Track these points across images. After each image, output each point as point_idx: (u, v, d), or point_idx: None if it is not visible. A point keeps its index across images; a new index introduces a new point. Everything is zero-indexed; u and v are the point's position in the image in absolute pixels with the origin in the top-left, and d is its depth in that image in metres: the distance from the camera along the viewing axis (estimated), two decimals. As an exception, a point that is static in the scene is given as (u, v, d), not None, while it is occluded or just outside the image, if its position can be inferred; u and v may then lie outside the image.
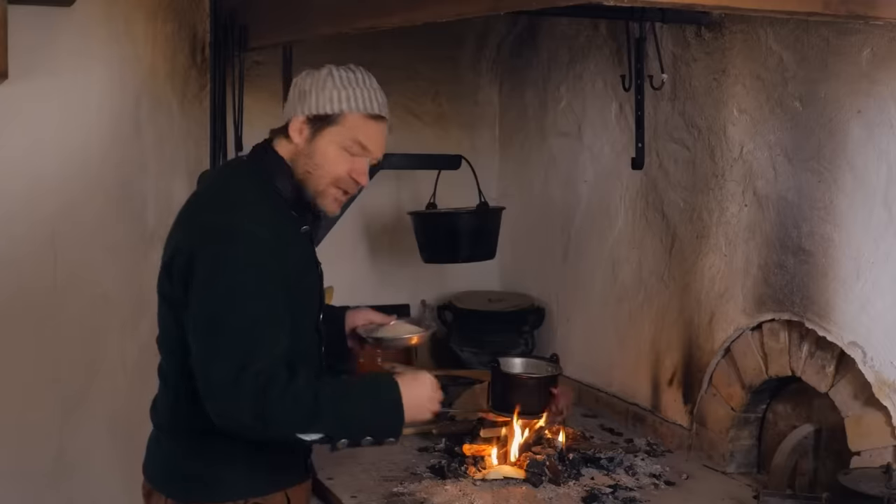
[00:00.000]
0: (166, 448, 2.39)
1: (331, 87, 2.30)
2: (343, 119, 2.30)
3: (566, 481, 2.65)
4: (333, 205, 2.37)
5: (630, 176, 3.19)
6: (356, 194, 2.55)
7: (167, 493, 2.36)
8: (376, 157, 2.36)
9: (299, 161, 2.33)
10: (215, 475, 2.32)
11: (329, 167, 2.31)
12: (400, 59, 3.73)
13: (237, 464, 2.32)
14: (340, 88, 2.30)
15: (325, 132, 2.30)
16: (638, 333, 3.19)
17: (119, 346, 3.57)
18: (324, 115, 2.30)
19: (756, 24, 2.67)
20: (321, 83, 2.31)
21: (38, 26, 3.34)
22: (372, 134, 2.32)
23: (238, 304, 2.16)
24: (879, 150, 2.35)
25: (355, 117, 2.30)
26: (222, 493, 2.32)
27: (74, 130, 3.45)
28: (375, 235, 3.89)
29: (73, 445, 3.53)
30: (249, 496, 2.32)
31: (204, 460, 2.33)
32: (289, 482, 2.41)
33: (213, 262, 2.19)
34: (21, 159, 3.38)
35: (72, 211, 3.46)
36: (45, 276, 3.46)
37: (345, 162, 2.32)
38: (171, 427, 2.38)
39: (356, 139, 2.31)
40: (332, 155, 2.31)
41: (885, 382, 2.34)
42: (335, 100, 2.29)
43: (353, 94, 2.30)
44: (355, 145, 2.31)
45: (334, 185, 2.33)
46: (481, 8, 2.16)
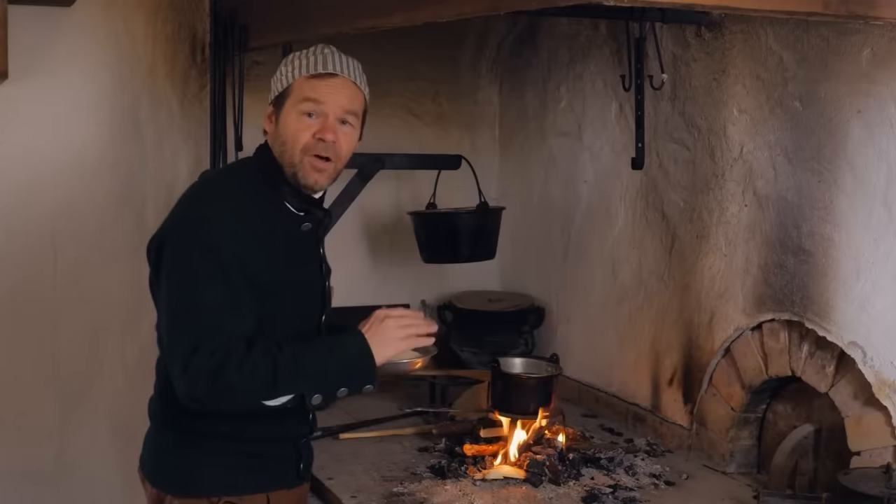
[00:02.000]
0: (154, 439, 2.43)
1: (281, 66, 2.37)
2: (292, 88, 2.33)
3: (566, 481, 2.65)
4: (314, 174, 2.33)
5: (630, 176, 3.19)
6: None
7: (153, 482, 2.40)
8: (335, 114, 2.33)
9: (275, 147, 2.35)
10: (194, 469, 2.33)
11: (293, 136, 2.31)
12: (400, 59, 3.74)
13: (217, 460, 2.33)
14: (288, 63, 2.35)
15: (283, 109, 2.33)
16: (638, 333, 3.19)
17: (119, 346, 3.57)
18: (279, 95, 2.35)
19: (756, 24, 2.67)
20: (278, 70, 2.38)
21: (38, 26, 3.34)
22: (320, 88, 2.31)
23: (197, 289, 2.20)
24: (879, 150, 2.35)
25: (301, 81, 2.32)
26: (200, 488, 2.33)
27: (74, 130, 3.45)
28: (375, 235, 3.89)
29: (73, 445, 3.53)
30: (224, 494, 2.32)
31: (185, 454, 2.35)
32: (273, 486, 2.39)
33: (177, 249, 2.25)
34: (21, 159, 3.38)
35: (72, 210, 3.46)
36: (44, 276, 3.46)
37: (305, 127, 2.31)
38: (157, 419, 2.41)
39: (304, 96, 2.31)
40: (292, 124, 2.31)
41: (885, 382, 2.34)
42: (284, 75, 2.35)
43: (298, 63, 2.33)
44: (306, 103, 2.31)
45: (304, 153, 2.31)
46: (481, 8, 2.16)
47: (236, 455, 2.33)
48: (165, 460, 2.38)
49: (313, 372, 2.22)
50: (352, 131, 2.36)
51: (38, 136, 3.40)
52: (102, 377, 3.56)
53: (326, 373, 2.23)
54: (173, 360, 2.21)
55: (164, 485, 2.37)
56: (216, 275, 2.20)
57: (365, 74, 2.39)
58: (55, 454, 3.51)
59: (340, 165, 2.38)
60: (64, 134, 3.44)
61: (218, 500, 2.31)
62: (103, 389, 3.55)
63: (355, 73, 2.36)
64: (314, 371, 2.22)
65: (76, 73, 3.43)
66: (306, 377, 2.21)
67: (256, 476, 2.36)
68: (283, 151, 2.32)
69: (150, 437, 2.45)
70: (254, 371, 2.17)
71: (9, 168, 3.37)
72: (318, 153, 2.31)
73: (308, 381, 2.21)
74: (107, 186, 3.51)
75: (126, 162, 3.53)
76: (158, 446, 2.41)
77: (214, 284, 2.20)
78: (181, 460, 2.35)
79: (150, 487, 2.40)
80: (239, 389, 2.17)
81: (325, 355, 2.25)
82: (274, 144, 2.35)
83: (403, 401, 3.19)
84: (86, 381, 3.54)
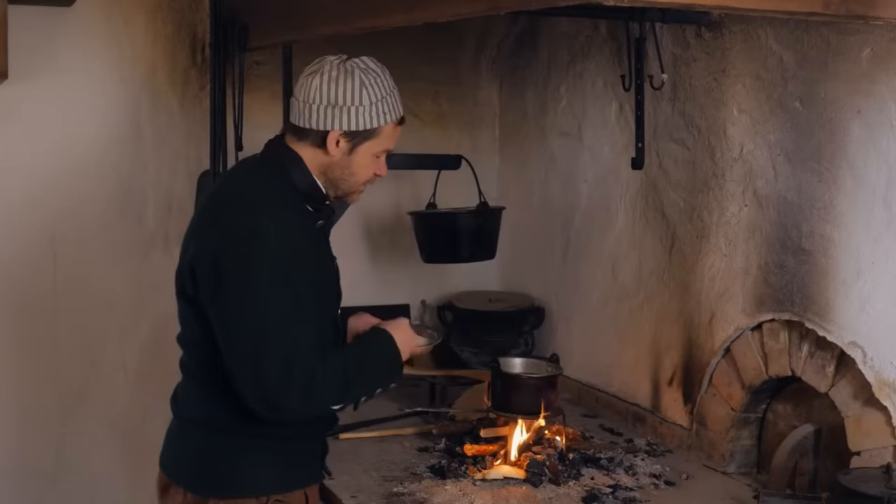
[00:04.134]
0: (190, 441, 2.39)
1: (368, 102, 2.32)
2: (380, 132, 2.36)
3: (566, 481, 2.65)
4: (358, 197, 2.50)
5: (630, 176, 3.19)
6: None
7: (187, 486, 2.35)
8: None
9: (334, 170, 2.38)
10: (239, 471, 2.33)
11: (362, 173, 2.40)
12: (400, 59, 3.70)
13: (261, 460, 2.34)
14: (378, 102, 2.34)
15: (363, 146, 2.36)
16: (638, 333, 3.19)
17: (119, 347, 3.57)
18: (363, 131, 2.34)
19: (756, 24, 2.67)
20: (358, 97, 2.31)
21: (38, 26, 3.34)
22: (396, 136, 2.43)
23: (272, 300, 2.21)
24: (879, 150, 2.35)
25: (390, 129, 2.38)
26: (245, 489, 2.32)
27: (74, 130, 3.45)
28: (375, 235, 3.88)
29: (73, 445, 3.52)
30: (272, 493, 2.33)
31: (228, 455, 2.33)
32: (308, 481, 2.42)
33: (241, 262, 2.22)
34: (21, 159, 3.38)
35: (72, 211, 3.46)
36: (44, 276, 3.46)
37: (374, 165, 2.41)
38: (197, 421, 2.38)
39: (388, 146, 2.40)
40: (367, 164, 2.39)
41: (885, 382, 2.34)
42: (375, 116, 2.34)
43: (388, 107, 2.36)
44: (384, 151, 2.41)
45: (364, 184, 2.44)
46: (481, 8, 2.16)
47: (278, 452, 2.34)
48: (208, 463, 2.35)
49: (371, 378, 2.37)
50: None
51: (38, 136, 3.40)
52: (102, 377, 3.56)
53: (378, 378, 2.39)
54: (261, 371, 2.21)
55: (205, 488, 2.34)
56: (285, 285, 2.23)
57: None
58: (55, 454, 3.51)
59: None
60: (64, 134, 3.44)
61: (267, 499, 2.32)
62: (103, 389, 3.55)
63: None
64: (371, 377, 2.37)
65: (76, 73, 3.43)
66: (365, 379, 2.35)
67: (296, 473, 2.39)
68: (347, 180, 2.40)
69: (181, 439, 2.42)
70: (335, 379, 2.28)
71: (9, 168, 3.37)
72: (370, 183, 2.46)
73: (365, 388, 2.36)
74: (107, 186, 3.51)
75: (126, 162, 3.53)
76: (197, 448, 2.37)
77: (286, 294, 2.23)
78: (225, 461, 2.33)
79: (183, 493, 2.35)
80: (326, 399, 2.29)
81: (375, 363, 2.40)
82: (332, 168, 2.37)
83: (403, 401, 3.19)
84: (86, 381, 3.53)
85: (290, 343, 2.21)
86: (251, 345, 2.22)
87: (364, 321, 2.66)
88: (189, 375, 2.41)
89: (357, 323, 2.65)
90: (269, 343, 2.21)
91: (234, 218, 2.27)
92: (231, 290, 2.22)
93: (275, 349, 2.21)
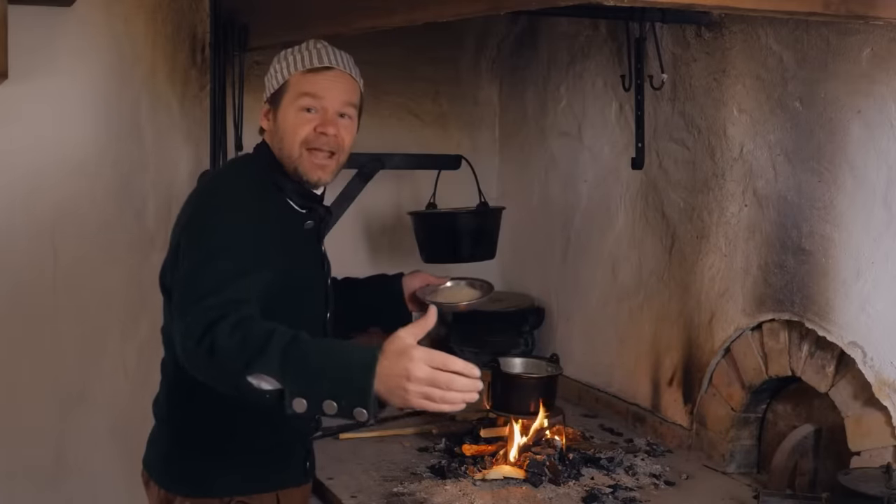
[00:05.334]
0: (163, 440, 2.42)
1: (275, 64, 2.37)
2: (288, 84, 2.34)
3: (566, 481, 2.65)
4: (316, 170, 2.34)
5: (630, 176, 3.19)
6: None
7: (161, 483, 2.38)
8: (333, 107, 2.34)
9: (274, 144, 2.36)
10: (206, 470, 2.34)
11: (292, 131, 2.32)
12: (400, 59, 3.73)
13: (227, 461, 2.33)
14: (281, 59, 2.36)
15: (280, 106, 2.34)
16: (638, 333, 3.19)
17: (119, 346, 3.57)
18: (275, 92, 2.35)
19: (756, 24, 2.67)
20: (271, 67, 2.38)
21: (38, 26, 3.34)
22: (318, 82, 2.33)
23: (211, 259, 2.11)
24: (879, 150, 2.35)
25: (297, 77, 2.33)
26: (212, 489, 2.33)
27: (74, 130, 3.45)
28: (375, 235, 3.88)
29: (73, 445, 3.52)
30: (236, 494, 2.33)
31: (197, 454, 2.35)
32: (282, 484, 2.40)
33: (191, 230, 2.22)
34: (21, 159, 3.38)
35: (72, 210, 3.46)
36: (44, 276, 3.46)
37: (305, 121, 2.32)
38: (167, 419, 2.40)
39: (302, 91, 2.32)
40: (290, 120, 2.32)
41: (885, 382, 2.34)
42: (279, 72, 2.35)
43: (292, 59, 2.34)
44: (305, 98, 2.32)
45: (304, 146, 2.32)
46: (481, 8, 2.16)
47: (247, 455, 2.34)
48: (177, 461, 2.37)
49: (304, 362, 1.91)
50: (351, 123, 2.37)
51: (38, 136, 3.40)
52: (102, 377, 3.56)
53: (318, 371, 1.91)
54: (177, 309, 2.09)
55: (173, 486, 2.36)
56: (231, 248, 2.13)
57: (358, 67, 2.42)
58: (55, 454, 3.51)
59: (343, 158, 2.39)
60: (64, 134, 3.44)
61: (230, 500, 2.32)
62: (103, 389, 3.55)
63: (349, 66, 2.39)
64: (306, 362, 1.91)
65: (76, 73, 3.43)
66: (296, 365, 1.90)
67: (267, 475, 2.37)
68: (282, 147, 2.33)
69: (156, 437, 2.45)
70: (248, 334, 1.94)
71: (9, 168, 3.37)
72: (320, 146, 2.32)
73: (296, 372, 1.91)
74: (107, 186, 3.51)
75: (126, 162, 3.53)
76: (167, 447, 2.40)
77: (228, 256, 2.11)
78: (192, 461, 2.35)
79: (157, 489, 2.38)
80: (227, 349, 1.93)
81: (325, 352, 1.95)
82: (273, 142, 2.36)
83: (403, 401, 3.18)
84: (86, 380, 3.54)
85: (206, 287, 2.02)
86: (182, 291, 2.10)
87: (420, 279, 2.69)
88: (163, 373, 2.43)
89: (412, 281, 2.70)
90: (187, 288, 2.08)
91: (194, 198, 2.32)
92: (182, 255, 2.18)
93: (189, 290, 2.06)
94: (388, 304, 2.68)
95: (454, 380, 1.90)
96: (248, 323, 1.97)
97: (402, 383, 1.87)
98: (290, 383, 1.90)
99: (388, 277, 2.75)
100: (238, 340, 1.93)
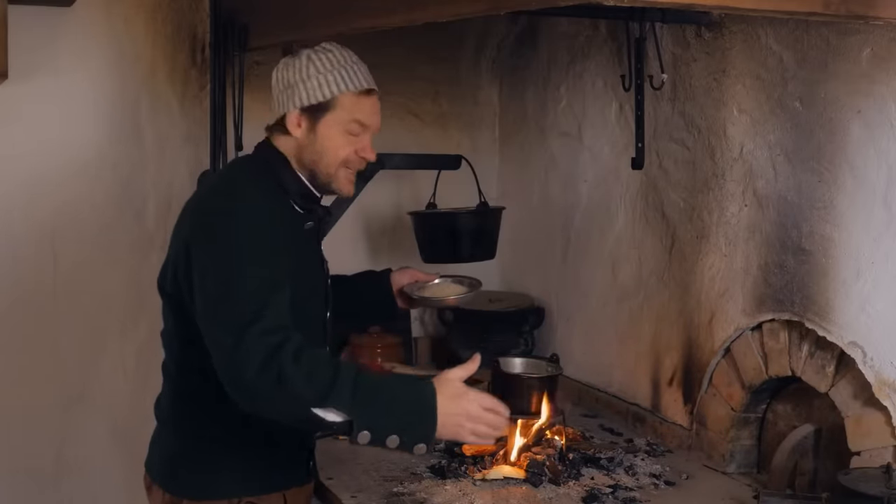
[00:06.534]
0: (166, 443, 2.41)
1: (315, 73, 2.31)
2: (337, 102, 2.31)
3: (566, 481, 2.65)
4: (347, 185, 2.38)
5: (630, 176, 3.19)
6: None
7: (165, 487, 2.37)
8: (376, 130, 2.38)
9: (304, 153, 2.35)
10: (211, 472, 2.33)
11: (335, 152, 2.33)
12: (400, 59, 3.73)
13: (234, 462, 2.33)
14: (326, 73, 2.31)
15: (323, 120, 2.32)
16: (638, 333, 3.19)
17: (119, 347, 3.57)
18: (318, 104, 2.31)
19: (756, 24, 2.67)
20: (305, 71, 2.32)
21: (38, 26, 3.34)
22: (367, 109, 2.35)
23: (238, 268, 2.12)
24: (879, 150, 2.35)
25: (348, 98, 2.32)
26: (217, 491, 2.33)
27: (74, 130, 3.45)
28: (375, 235, 3.89)
29: (74, 445, 3.53)
30: (244, 495, 2.33)
31: (201, 457, 2.34)
32: (287, 484, 2.41)
33: (211, 234, 2.19)
34: (21, 159, 3.38)
35: (72, 211, 3.46)
36: (44, 276, 3.46)
37: (349, 143, 2.34)
38: (170, 422, 2.40)
39: (354, 119, 2.33)
40: (336, 139, 2.33)
41: (885, 382, 2.34)
42: (325, 85, 2.31)
43: (340, 76, 2.32)
44: (355, 124, 2.33)
45: (343, 166, 2.35)
46: (481, 8, 2.16)
47: (252, 455, 2.33)
48: (180, 464, 2.36)
49: (373, 400, 2.05)
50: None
51: (38, 136, 3.40)
52: (102, 377, 3.56)
53: (386, 410, 2.06)
54: (218, 340, 2.08)
55: (179, 489, 2.35)
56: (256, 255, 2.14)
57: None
58: (55, 454, 3.51)
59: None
60: (64, 134, 3.44)
61: (238, 501, 2.32)
62: (103, 390, 3.56)
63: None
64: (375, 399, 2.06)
65: (76, 74, 3.43)
66: (365, 402, 2.04)
67: (273, 475, 2.37)
68: (319, 161, 2.34)
69: (159, 440, 2.44)
70: (315, 367, 2.03)
71: (9, 168, 3.37)
72: (356, 167, 2.37)
73: (365, 408, 2.04)
74: (107, 187, 3.51)
75: (126, 162, 3.53)
76: (172, 450, 2.39)
77: (256, 264, 2.12)
78: (197, 464, 2.34)
79: (161, 493, 2.37)
80: (295, 382, 2.00)
81: (390, 390, 2.11)
82: (302, 151, 2.34)
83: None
84: (86, 381, 3.54)
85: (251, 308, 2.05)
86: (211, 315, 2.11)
87: (409, 275, 2.71)
88: (165, 375, 2.43)
89: (401, 277, 2.71)
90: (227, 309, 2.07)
91: (205, 202, 2.31)
92: (198, 264, 2.17)
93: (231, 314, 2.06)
94: (376, 299, 2.71)
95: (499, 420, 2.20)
96: (309, 352, 2.05)
97: (460, 421, 2.12)
98: (358, 418, 2.04)
99: (375, 273, 2.77)
100: (305, 373, 2.02)
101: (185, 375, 2.33)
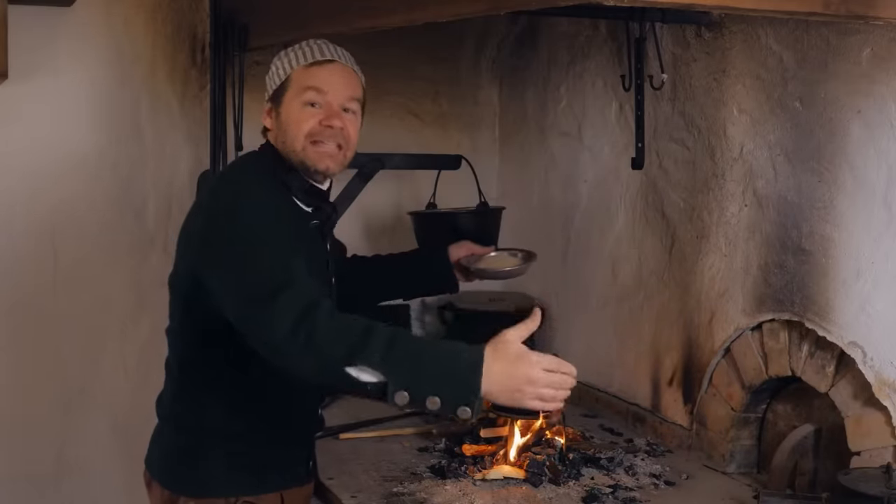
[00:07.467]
0: (167, 440, 2.41)
1: (275, 62, 2.37)
2: (290, 80, 2.33)
3: (566, 481, 2.65)
4: (324, 158, 2.33)
5: (630, 176, 3.19)
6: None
7: (164, 483, 2.38)
8: (338, 99, 2.33)
9: (278, 141, 2.36)
10: (210, 470, 2.33)
11: (298, 126, 2.31)
12: (400, 58, 3.74)
13: (234, 460, 2.33)
14: (282, 57, 2.36)
15: (283, 102, 2.34)
16: (638, 333, 3.19)
17: (119, 346, 3.58)
18: (276, 89, 2.35)
19: (756, 24, 2.67)
20: (270, 68, 2.39)
21: (38, 26, 3.34)
22: (320, 75, 2.33)
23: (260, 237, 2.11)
24: (879, 150, 2.35)
25: (299, 72, 2.33)
26: (215, 489, 2.33)
27: (74, 130, 3.46)
28: (375, 235, 3.88)
29: (74, 445, 3.53)
30: (241, 494, 2.33)
31: (200, 454, 2.34)
32: (285, 484, 2.41)
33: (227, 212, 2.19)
34: (21, 159, 3.39)
35: (72, 210, 3.47)
36: (44, 276, 3.46)
37: (309, 115, 2.32)
38: (171, 419, 2.40)
39: (307, 86, 2.31)
40: (294, 115, 2.32)
41: (885, 382, 2.34)
42: (279, 69, 2.35)
43: (293, 55, 2.34)
44: (308, 92, 2.31)
45: (309, 139, 2.32)
46: (481, 8, 2.16)
47: (252, 454, 2.34)
48: (179, 461, 2.37)
49: (409, 356, 1.95)
50: (355, 118, 2.38)
51: (38, 136, 3.40)
52: (102, 377, 3.56)
53: (424, 367, 1.95)
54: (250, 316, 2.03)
55: (177, 486, 2.35)
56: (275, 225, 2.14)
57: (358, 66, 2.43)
58: (56, 454, 3.51)
59: (350, 153, 2.39)
60: (64, 134, 3.44)
61: (236, 500, 2.32)
62: (103, 389, 3.56)
63: (350, 61, 2.39)
64: (411, 356, 1.96)
65: (76, 73, 3.43)
66: (400, 358, 1.94)
67: (271, 475, 2.37)
68: (286, 141, 2.32)
69: (160, 437, 2.44)
70: (347, 325, 1.96)
71: (9, 168, 3.38)
72: (325, 139, 2.31)
73: (400, 366, 1.94)
74: (107, 186, 3.51)
75: (126, 162, 3.53)
76: (172, 447, 2.39)
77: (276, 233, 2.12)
78: (196, 461, 2.34)
79: (160, 489, 2.38)
80: (326, 340, 1.94)
81: (430, 347, 2.03)
82: (277, 140, 2.36)
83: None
84: (86, 380, 3.54)
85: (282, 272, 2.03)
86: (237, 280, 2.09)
87: (466, 247, 2.80)
88: (167, 372, 2.43)
89: (458, 250, 2.81)
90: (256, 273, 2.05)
91: (215, 197, 2.31)
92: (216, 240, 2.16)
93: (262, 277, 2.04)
94: (434, 273, 2.82)
95: (565, 380, 2.07)
96: (342, 314, 2.00)
97: (520, 385, 1.98)
98: (393, 376, 1.93)
99: (428, 249, 2.87)
100: (336, 330, 1.96)
101: (187, 373, 2.34)
